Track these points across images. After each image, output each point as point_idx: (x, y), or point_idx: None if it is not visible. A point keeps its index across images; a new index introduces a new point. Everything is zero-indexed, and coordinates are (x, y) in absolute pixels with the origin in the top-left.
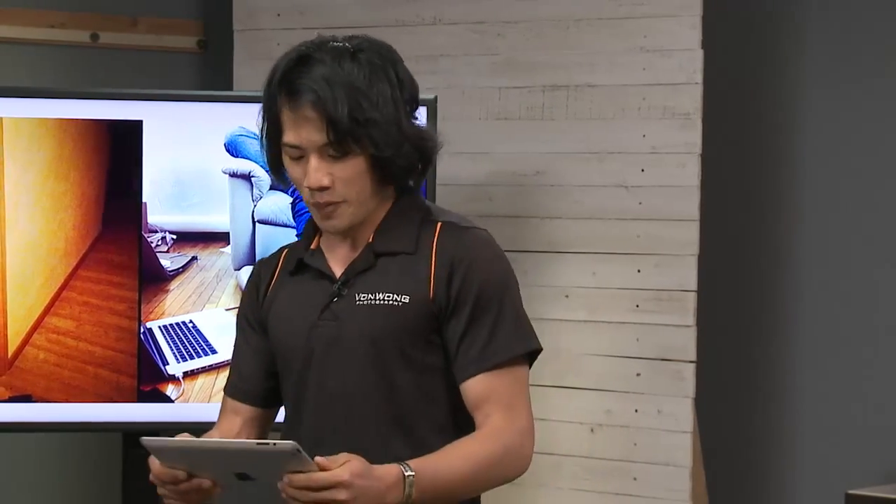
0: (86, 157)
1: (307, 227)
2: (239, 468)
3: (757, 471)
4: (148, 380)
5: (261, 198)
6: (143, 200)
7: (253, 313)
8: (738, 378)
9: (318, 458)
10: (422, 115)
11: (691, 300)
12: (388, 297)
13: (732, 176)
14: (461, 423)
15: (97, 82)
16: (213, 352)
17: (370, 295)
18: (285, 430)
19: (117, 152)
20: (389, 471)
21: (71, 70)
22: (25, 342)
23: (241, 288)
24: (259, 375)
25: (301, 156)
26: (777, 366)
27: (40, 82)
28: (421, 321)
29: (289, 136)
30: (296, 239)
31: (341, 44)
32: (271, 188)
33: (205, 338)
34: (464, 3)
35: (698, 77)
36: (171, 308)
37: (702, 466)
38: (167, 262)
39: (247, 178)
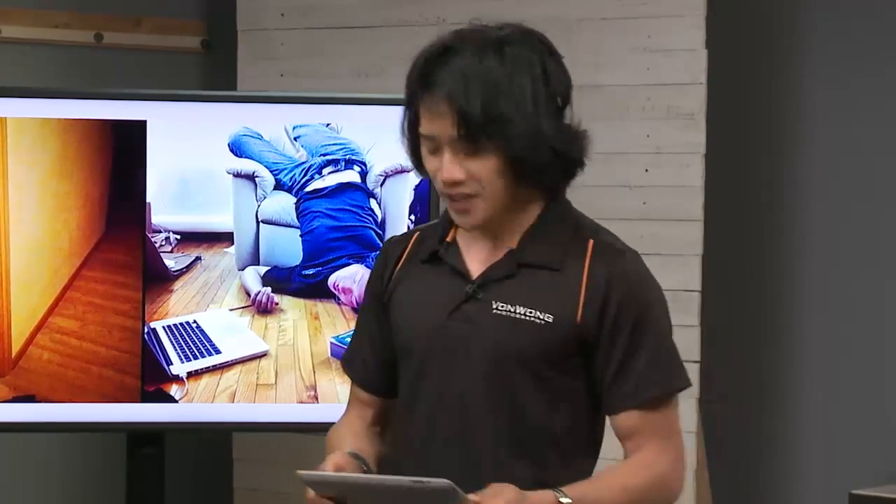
0: (90, 157)
1: (444, 216)
2: (394, 503)
3: (761, 471)
4: (152, 380)
5: (265, 198)
6: (147, 200)
7: (377, 295)
8: (742, 379)
9: (470, 496)
10: None
11: (695, 300)
12: (530, 312)
13: (736, 176)
14: (594, 449)
15: (101, 82)
16: (217, 352)
17: (509, 306)
18: (394, 430)
19: (121, 152)
20: (544, 497)
21: (75, 70)
22: (29, 342)
23: (245, 288)
24: (385, 364)
25: (436, 148)
26: (781, 366)
27: (44, 82)
28: (562, 344)
29: (424, 127)
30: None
31: (490, 35)
32: (275, 188)
33: (209, 338)
34: (467, 4)
35: (702, 77)
36: (175, 308)
37: (706, 467)
38: (171, 263)
39: (251, 178)
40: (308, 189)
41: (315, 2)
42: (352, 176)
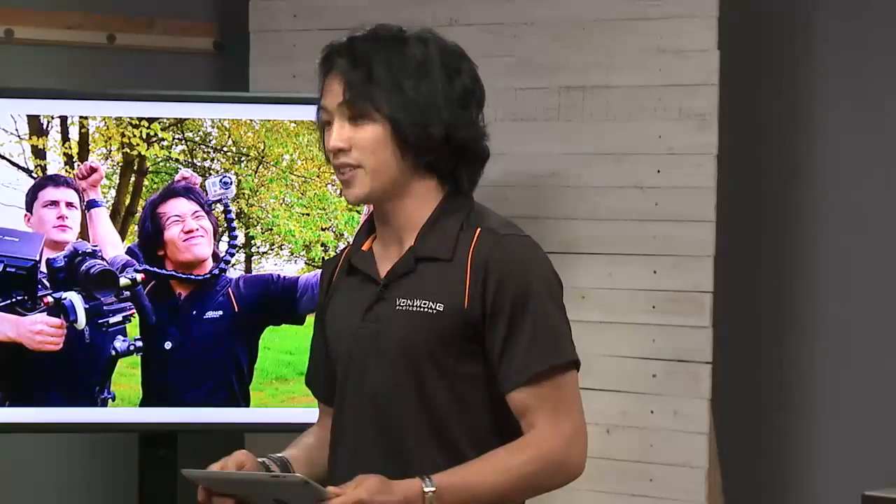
0: None
1: (362, 227)
2: (275, 496)
3: (773, 472)
4: None
5: None
6: None
7: (321, 313)
8: (754, 379)
9: (329, 487)
10: None
11: (707, 301)
12: (424, 304)
13: (748, 177)
14: (505, 431)
15: (114, 84)
16: None
17: (409, 300)
18: (332, 435)
19: None
20: (409, 486)
21: (87, 71)
22: None
23: None
24: (333, 377)
25: (328, 121)
26: (793, 367)
27: (57, 83)
28: (455, 330)
29: (322, 102)
30: None
31: (393, 29)
32: None
33: None
34: (480, 4)
35: (715, 78)
36: None
37: (718, 468)
38: None
39: None
40: None
41: (327, 3)
42: None
